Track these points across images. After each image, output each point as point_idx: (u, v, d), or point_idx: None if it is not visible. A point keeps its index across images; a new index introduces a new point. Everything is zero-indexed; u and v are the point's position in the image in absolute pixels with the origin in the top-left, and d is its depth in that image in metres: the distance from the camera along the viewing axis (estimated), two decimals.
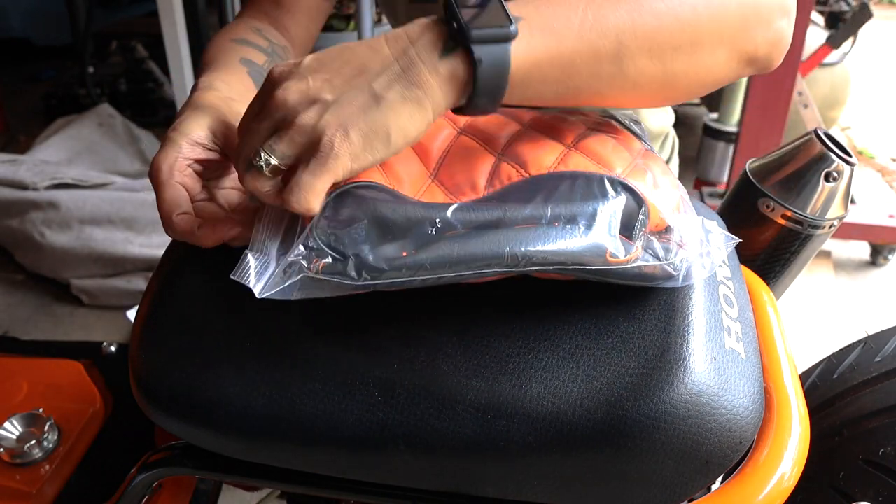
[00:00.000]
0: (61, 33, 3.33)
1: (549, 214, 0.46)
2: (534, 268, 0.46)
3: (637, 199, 0.48)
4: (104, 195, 1.94)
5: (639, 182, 0.48)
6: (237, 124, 0.49)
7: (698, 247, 0.49)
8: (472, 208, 0.46)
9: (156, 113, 2.97)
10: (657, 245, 0.48)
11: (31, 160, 2.11)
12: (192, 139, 0.53)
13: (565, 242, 0.45)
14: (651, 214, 0.48)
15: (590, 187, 0.47)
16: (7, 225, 1.94)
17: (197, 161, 0.54)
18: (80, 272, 1.90)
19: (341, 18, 2.69)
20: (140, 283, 1.87)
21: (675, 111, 0.95)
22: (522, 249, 0.45)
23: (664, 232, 0.49)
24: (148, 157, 2.47)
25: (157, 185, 0.52)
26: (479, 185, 0.49)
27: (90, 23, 2.81)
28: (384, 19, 2.69)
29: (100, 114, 2.51)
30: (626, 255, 0.46)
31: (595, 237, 0.45)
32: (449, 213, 0.45)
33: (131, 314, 1.83)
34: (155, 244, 1.88)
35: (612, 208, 0.47)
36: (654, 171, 0.50)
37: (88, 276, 1.90)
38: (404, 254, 0.44)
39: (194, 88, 0.60)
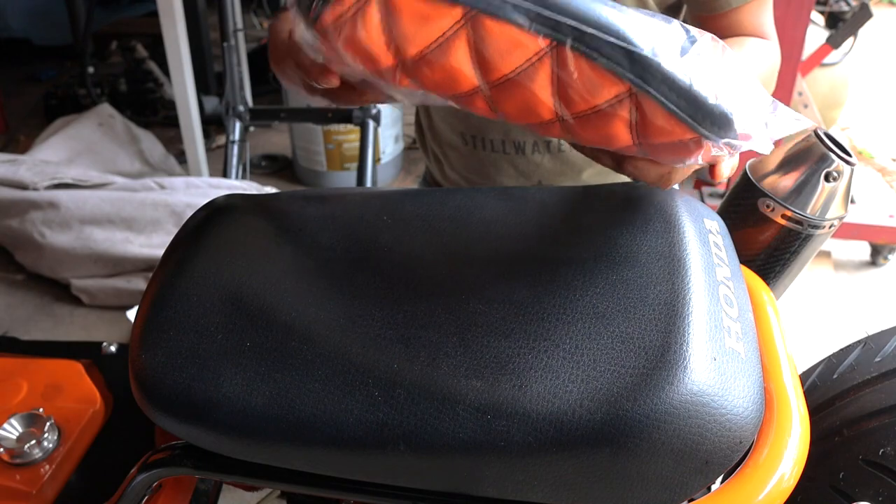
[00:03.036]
0: (61, 33, 3.32)
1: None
2: (572, 21, 0.42)
3: (688, 34, 0.45)
4: (104, 195, 1.94)
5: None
6: None
7: (759, 113, 0.46)
8: None
9: (156, 113, 2.97)
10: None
11: (31, 160, 2.11)
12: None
13: (611, 10, 0.43)
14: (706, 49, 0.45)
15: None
16: (7, 225, 1.94)
17: None
18: (80, 272, 1.90)
19: None
20: (140, 283, 1.87)
21: None
22: None
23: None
24: (148, 158, 2.47)
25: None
26: None
27: (90, 23, 2.81)
28: None
29: (100, 114, 2.51)
30: (673, 59, 0.43)
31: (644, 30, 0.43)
32: None
33: (131, 314, 1.83)
34: (155, 244, 1.88)
35: (659, 25, 0.45)
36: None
37: (88, 276, 1.90)
38: None
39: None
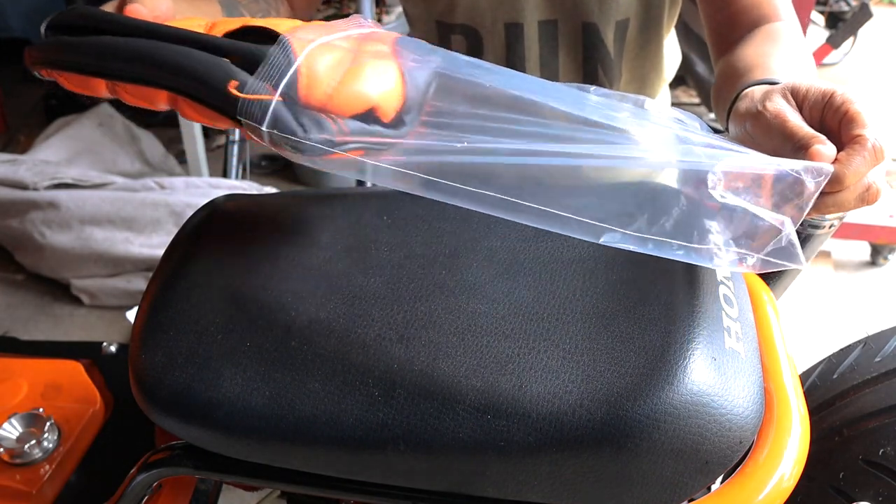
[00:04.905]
0: None
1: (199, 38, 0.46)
2: (168, 80, 0.45)
3: (286, 55, 0.45)
4: (104, 195, 1.94)
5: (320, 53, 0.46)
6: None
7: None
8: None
9: (156, 113, 2.97)
10: (314, 118, 0.45)
11: (31, 160, 2.11)
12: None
13: (191, 51, 0.45)
14: (307, 80, 0.45)
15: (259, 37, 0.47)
16: (7, 225, 1.94)
17: None
18: (80, 272, 1.90)
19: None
20: (140, 283, 1.87)
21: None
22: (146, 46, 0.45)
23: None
24: (148, 158, 2.47)
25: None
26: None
27: None
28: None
29: (100, 114, 2.51)
30: (254, 93, 0.43)
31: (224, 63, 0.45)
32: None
33: (131, 314, 1.83)
34: (155, 244, 1.88)
35: (247, 48, 0.45)
36: (370, 54, 0.49)
37: (88, 276, 1.90)
38: None
39: None
